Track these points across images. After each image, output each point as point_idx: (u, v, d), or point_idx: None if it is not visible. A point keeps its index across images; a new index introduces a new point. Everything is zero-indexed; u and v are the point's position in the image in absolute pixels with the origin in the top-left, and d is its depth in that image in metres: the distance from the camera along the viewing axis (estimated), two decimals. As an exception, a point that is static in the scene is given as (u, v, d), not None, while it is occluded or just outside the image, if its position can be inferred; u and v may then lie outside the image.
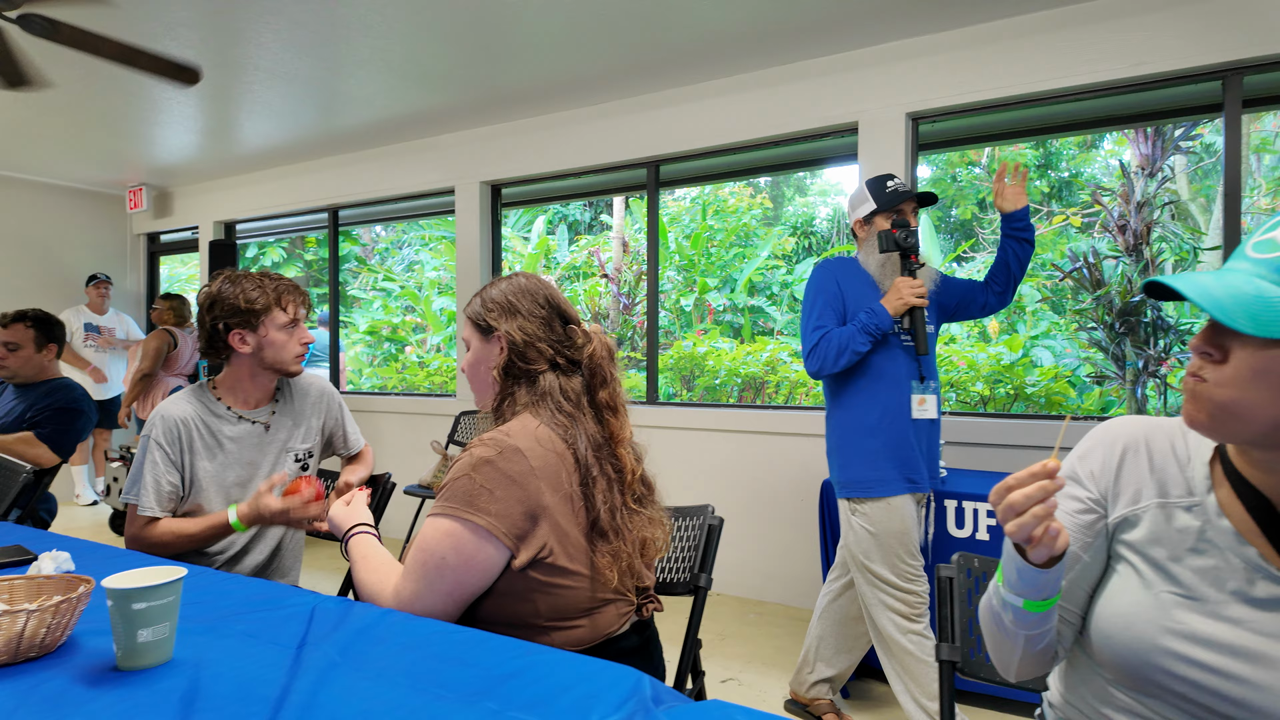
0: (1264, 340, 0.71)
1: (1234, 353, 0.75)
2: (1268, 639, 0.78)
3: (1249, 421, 0.74)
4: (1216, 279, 0.76)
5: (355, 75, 3.71)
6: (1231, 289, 0.74)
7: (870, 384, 2.20)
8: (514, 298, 1.32)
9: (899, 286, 2.14)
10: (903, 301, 2.13)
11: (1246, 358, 0.73)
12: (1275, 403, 0.72)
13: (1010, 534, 0.78)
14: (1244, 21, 2.68)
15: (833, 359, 2.15)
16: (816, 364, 2.20)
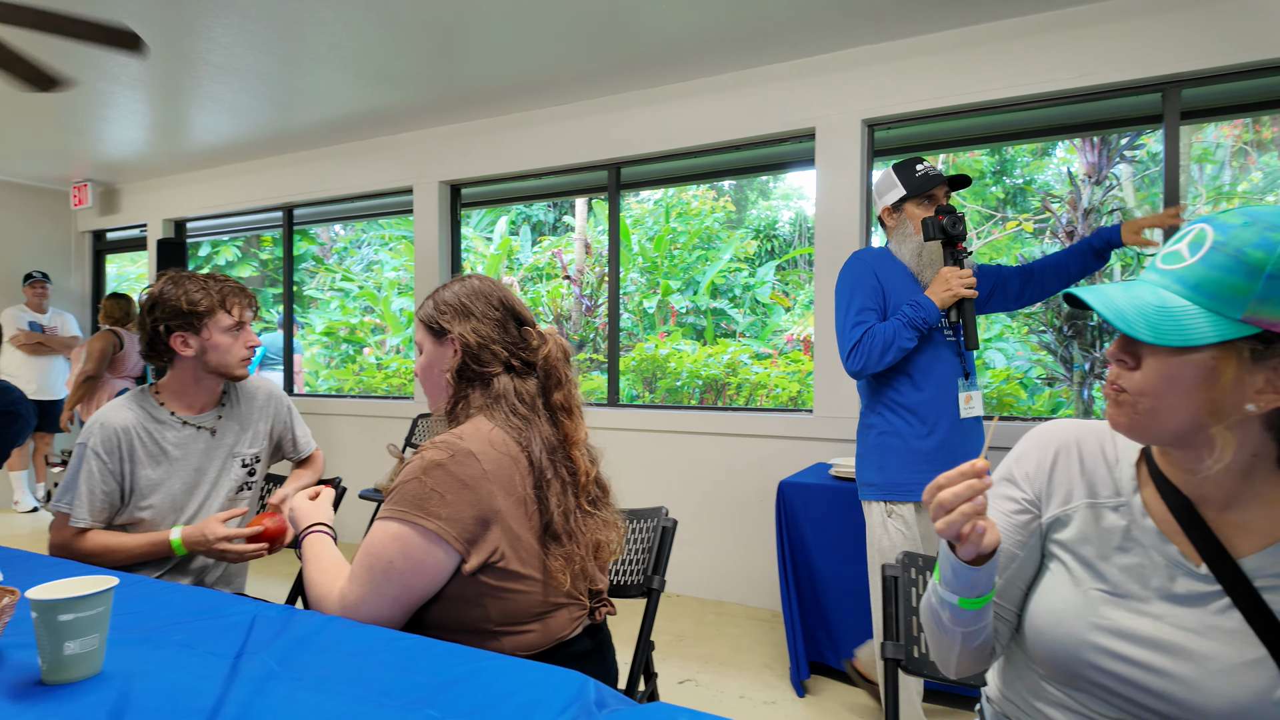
0: (1171, 348, 0.74)
1: (1145, 360, 0.78)
2: (1187, 633, 0.81)
3: (1163, 424, 0.78)
4: (1124, 290, 0.78)
5: (311, 71, 3.64)
6: (1136, 300, 0.76)
7: (916, 383, 2.05)
8: (467, 299, 1.31)
9: (946, 277, 2.00)
10: (952, 293, 1.98)
11: (1156, 365, 0.76)
12: (1186, 406, 0.75)
13: (940, 531, 0.80)
14: (1182, 37, 2.78)
15: (877, 356, 1.99)
16: (859, 362, 2.02)
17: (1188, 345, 0.73)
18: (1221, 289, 0.73)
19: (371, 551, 1.13)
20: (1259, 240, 0.72)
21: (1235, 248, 0.73)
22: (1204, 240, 0.76)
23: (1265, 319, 0.71)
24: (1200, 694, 0.79)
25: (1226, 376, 0.73)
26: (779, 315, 8.31)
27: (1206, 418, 0.75)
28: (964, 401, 2.04)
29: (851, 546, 2.58)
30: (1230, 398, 0.74)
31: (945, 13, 3.00)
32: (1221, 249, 0.74)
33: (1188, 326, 0.73)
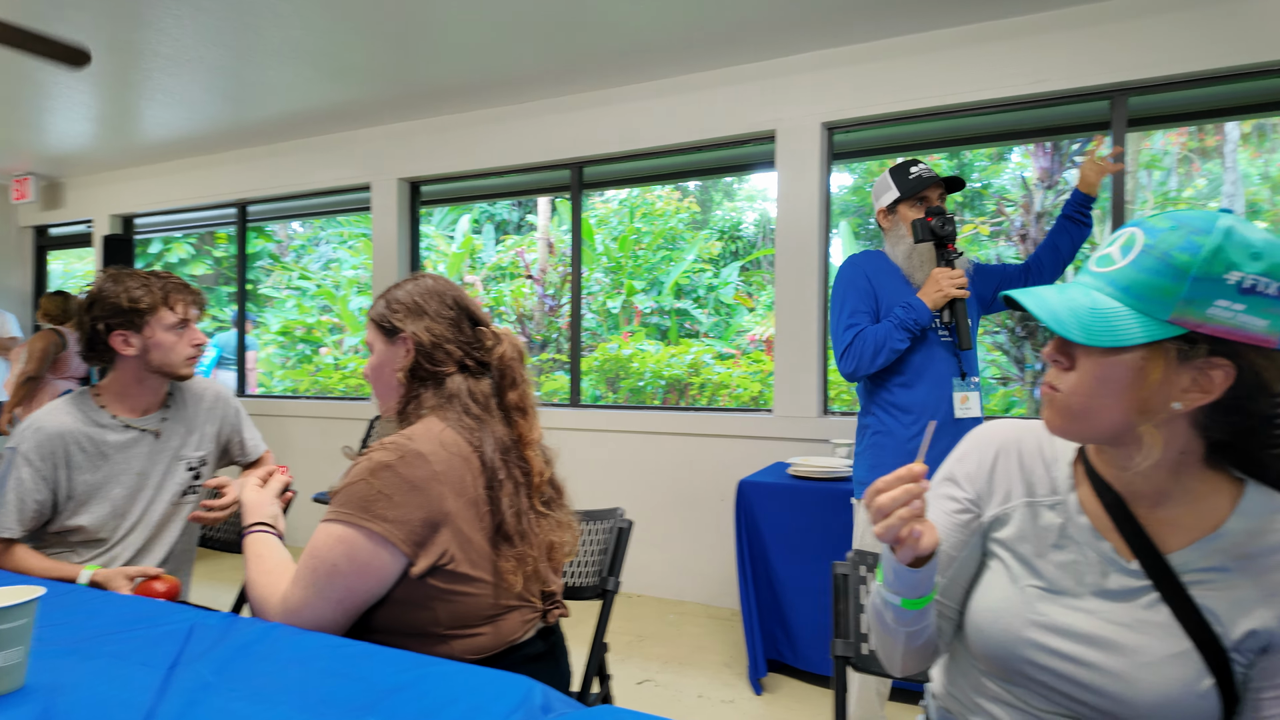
0: (1104, 349, 0.76)
1: (1079, 361, 0.79)
2: (1119, 627, 0.83)
3: (1095, 423, 0.79)
4: (1059, 293, 0.80)
5: (265, 65, 3.56)
6: (1069, 302, 0.78)
7: (910, 383, 2.06)
8: (421, 299, 1.29)
9: (937, 278, 2.01)
10: (942, 294, 1.99)
11: (1090, 365, 0.78)
12: (1118, 406, 0.77)
13: (878, 535, 0.81)
14: (1129, 46, 2.87)
15: (869, 358, 2.00)
16: (851, 364, 2.04)
17: (1118, 346, 0.75)
18: (1150, 291, 0.75)
19: (316, 554, 1.11)
20: (1185, 244, 0.74)
21: (1163, 251, 0.75)
22: (1134, 244, 0.78)
23: (1190, 320, 0.73)
24: (1130, 686, 0.81)
25: (1154, 376, 0.75)
26: (742, 316, 8.37)
27: (1136, 416, 0.77)
28: (959, 401, 2.05)
29: (809, 545, 2.61)
30: (1158, 397, 0.76)
31: (902, 18, 3.05)
32: (1150, 252, 0.76)
33: (1118, 327, 0.75)
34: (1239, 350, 0.74)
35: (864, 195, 9.49)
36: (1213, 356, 0.74)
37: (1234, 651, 0.79)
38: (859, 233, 9.48)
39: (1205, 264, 0.73)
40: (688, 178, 4.09)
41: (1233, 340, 0.73)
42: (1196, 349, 0.74)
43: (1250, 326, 0.73)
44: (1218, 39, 2.74)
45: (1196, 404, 0.76)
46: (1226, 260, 0.72)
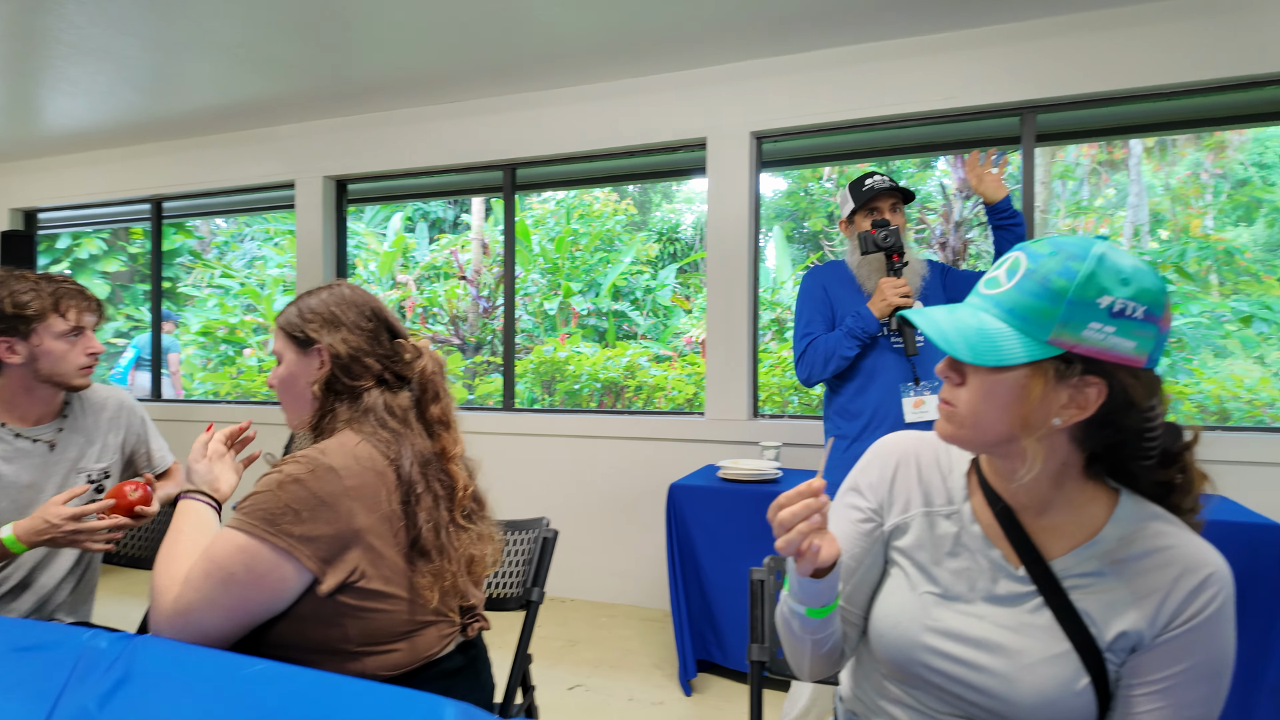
0: (990, 367, 0.80)
1: (969, 377, 0.84)
2: (1005, 630, 0.88)
3: (983, 436, 0.84)
4: (949, 313, 0.84)
5: (180, 57, 3.41)
6: (958, 322, 0.82)
7: (860, 388, 2.15)
8: (337, 309, 1.25)
9: (882, 287, 2.09)
10: (887, 303, 2.07)
11: (977, 382, 0.83)
12: (1003, 420, 0.82)
13: (779, 549, 0.83)
14: (1037, 66, 3.02)
15: (820, 365, 2.12)
16: (805, 371, 2.17)
17: (1002, 365, 0.79)
18: (1031, 313, 0.79)
19: (214, 559, 1.07)
20: (1062, 269, 0.79)
21: (1043, 275, 0.80)
22: (1018, 268, 0.82)
23: (1067, 341, 0.78)
24: (1014, 687, 0.85)
25: (1035, 393, 0.80)
26: (679, 318, 8.45)
27: (1019, 430, 0.81)
28: (912, 406, 2.13)
29: (738, 547, 2.66)
30: (1039, 412, 0.80)
31: (827, 33, 3.13)
32: (1032, 276, 0.80)
33: (1002, 347, 0.79)
34: (1110, 370, 0.79)
35: (797, 199, 9.70)
36: (1087, 375, 0.79)
37: (1108, 652, 0.84)
38: (792, 236, 9.68)
39: (1080, 289, 0.77)
40: (622, 182, 4.11)
41: (1105, 360, 0.78)
42: (1072, 368, 0.79)
43: (1120, 348, 0.78)
44: (1119, 63, 2.91)
45: (1074, 419, 0.81)
46: (1099, 285, 0.77)
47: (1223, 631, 0.82)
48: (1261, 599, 2.10)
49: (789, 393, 5.71)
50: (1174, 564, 0.83)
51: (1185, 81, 2.85)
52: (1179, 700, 0.81)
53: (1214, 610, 0.81)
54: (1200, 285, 7.51)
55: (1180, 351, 6.68)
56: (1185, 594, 0.81)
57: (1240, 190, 8.94)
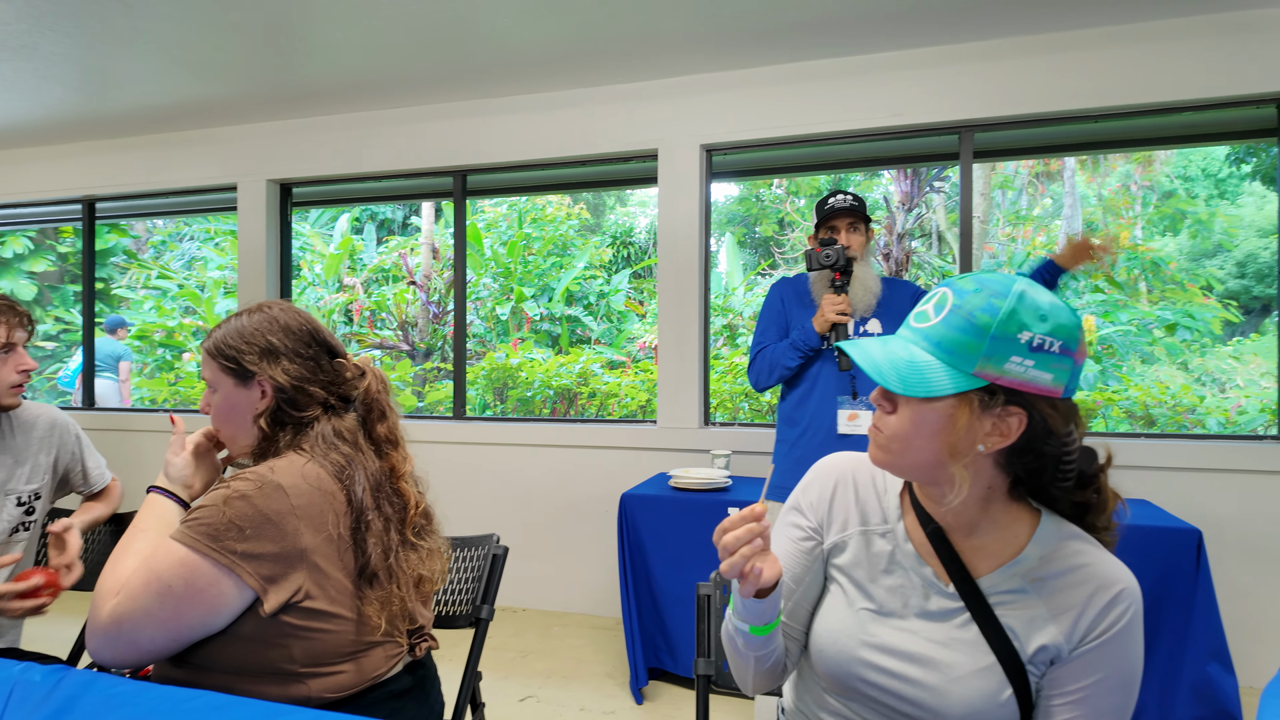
0: (919, 398, 0.85)
1: (900, 406, 0.88)
2: (935, 645, 0.92)
3: (912, 462, 0.88)
4: (883, 345, 0.88)
5: (115, 56, 3.29)
6: (890, 354, 0.87)
7: (800, 398, 2.28)
8: (273, 336, 1.22)
9: (822, 305, 2.21)
10: (824, 319, 2.18)
11: (908, 411, 0.87)
12: (930, 447, 0.86)
13: (723, 573, 0.86)
14: (975, 88, 3.13)
15: (765, 373, 2.28)
16: (754, 377, 2.33)
17: (930, 396, 0.83)
18: (957, 346, 0.84)
19: (153, 569, 1.05)
20: (985, 305, 0.83)
21: (968, 311, 0.84)
22: (945, 304, 0.87)
23: (990, 373, 0.83)
24: (943, 699, 0.90)
25: (961, 422, 0.84)
26: (633, 323, 8.47)
27: (947, 457, 0.86)
28: (846, 419, 2.22)
29: (689, 555, 2.69)
30: (965, 440, 0.85)
31: (775, 48, 3.19)
32: (958, 312, 0.85)
33: (930, 379, 0.84)
34: (1030, 400, 0.84)
35: (749, 205, 9.83)
36: (1009, 405, 0.84)
37: (1030, 664, 0.89)
38: (744, 242, 9.82)
39: (1002, 324, 0.82)
40: (574, 189, 4.12)
41: (1025, 391, 0.83)
42: (996, 399, 0.84)
43: (1039, 380, 0.83)
44: (1053, 86, 3.04)
45: (997, 446, 0.85)
46: (1019, 321, 0.82)
47: (1133, 644, 0.87)
48: (1180, 600, 2.22)
49: (740, 399, 5.79)
50: (1089, 581, 0.88)
51: (1112, 105, 2.99)
52: (1092, 710, 0.87)
53: (1125, 624, 0.86)
54: (1129, 294, 7.87)
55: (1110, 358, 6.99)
56: (1099, 609, 0.86)
57: (1166, 202, 9.40)
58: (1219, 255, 9.70)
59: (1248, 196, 9.96)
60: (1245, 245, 9.81)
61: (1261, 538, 2.80)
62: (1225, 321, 7.57)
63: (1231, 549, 2.81)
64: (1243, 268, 9.82)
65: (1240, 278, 9.78)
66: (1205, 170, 9.94)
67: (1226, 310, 7.47)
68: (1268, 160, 8.66)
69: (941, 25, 2.98)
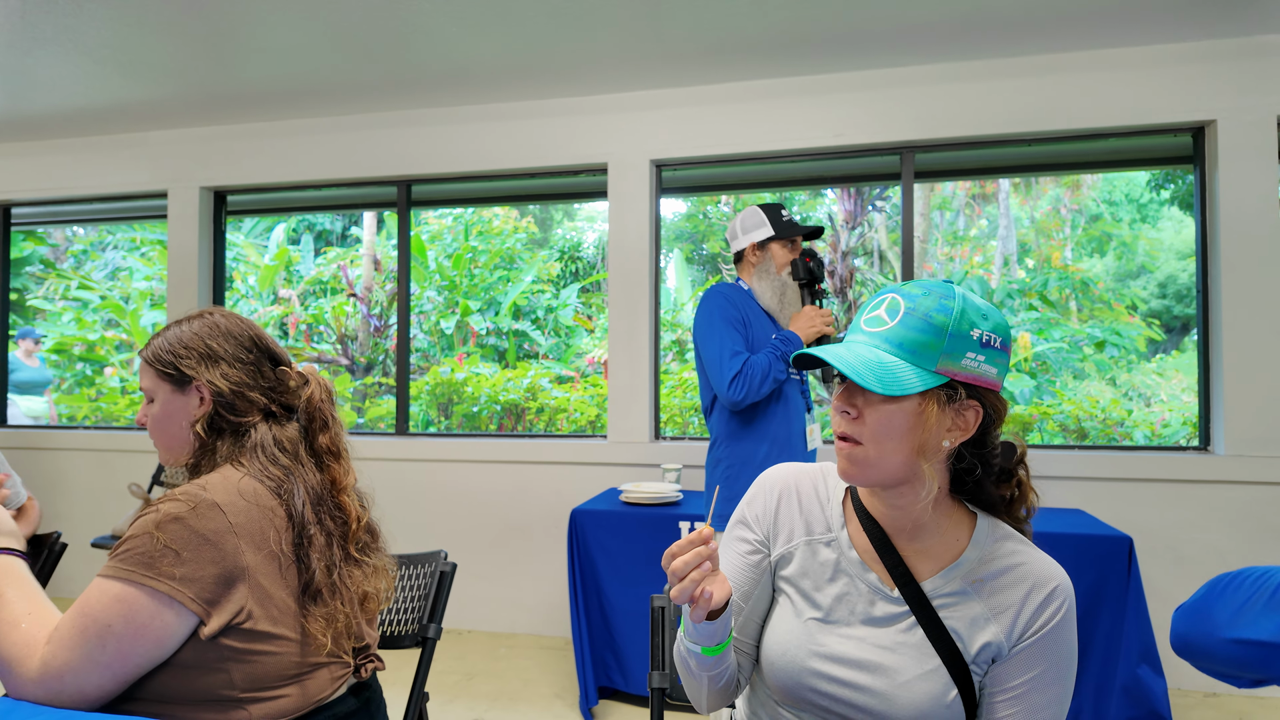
0: (885, 398, 0.86)
1: (865, 411, 0.88)
2: (882, 650, 0.92)
3: (886, 467, 0.89)
4: (848, 349, 0.89)
5: (35, 54, 3.13)
6: (860, 357, 0.87)
7: (767, 415, 2.13)
8: (213, 342, 1.18)
9: (810, 316, 2.14)
10: (814, 329, 2.12)
11: (875, 414, 0.88)
12: (902, 447, 0.87)
13: (673, 598, 0.85)
14: (914, 110, 3.24)
15: (757, 385, 2.06)
16: (741, 391, 2.07)
17: (903, 394, 0.85)
18: (919, 346, 0.86)
19: (87, 613, 0.98)
20: (938, 306, 0.87)
21: (924, 312, 0.87)
22: (898, 307, 0.89)
23: (950, 369, 0.86)
24: (890, 704, 0.90)
25: (930, 419, 0.86)
26: (581, 337, 8.44)
27: (917, 456, 0.88)
28: (810, 434, 2.18)
29: (640, 571, 2.67)
30: (933, 437, 0.87)
31: (722, 67, 3.24)
32: (914, 314, 0.87)
33: (901, 378, 0.85)
34: (982, 393, 0.88)
35: (696, 222, 9.94)
36: (968, 399, 0.88)
37: (973, 664, 0.90)
38: (691, 258, 9.91)
39: (957, 322, 0.86)
40: (522, 202, 4.08)
41: (978, 385, 0.87)
42: (956, 393, 0.87)
43: (988, 373, 0.88)
44: (989, 110, 3.16)
45: (958, 441, 0.89)
46: (969, 319, 0.87)
47: (1068, 637, 0.91)
48: (1112, 604, 2.30)
49: (690, 414, 5.80)
50: (1025, 580, 0.91)
51: (1044, 130, 3.13)
52: (1032, 704, 0.89)
53: (1060, 619, 0.90)
54: (1061, 312, 8.23)
55: (1045, 374, 7.27)
56: (1036, 606, 0.90)
57: (1094, 225, 9.89)
58: (1142, 276, 10.24)
59: (1166, 221, 10.56)
60: (1165, 267, 10.38)
61: (1186, 544, 2.93)
62: (1149, 339, 7.98)
63: (1158, 556, 2.93)
64: (1164, 288, 10.38)
65: (1162, 298, 10.34)
66: (1128, 195, 10.51)
67: (1150, 328, 7.88)
68: (1183, 187, 9.21)
69: (882, 49, 3.07)
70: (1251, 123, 2.92)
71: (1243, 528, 2.88)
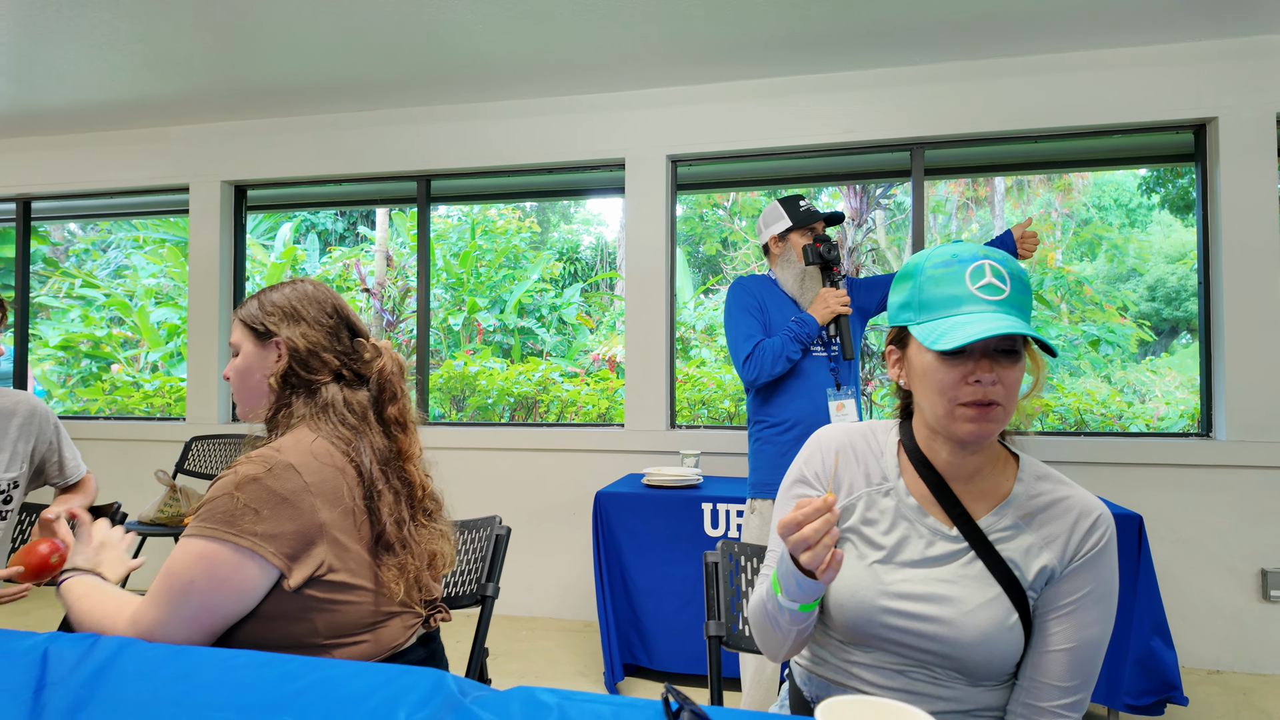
0: (1015, 360, 0.95)
1: (1003, 375, 0.95)
2: (945, 584, 1.01)
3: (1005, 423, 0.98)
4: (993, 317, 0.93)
5: (65, 48, 3.19)
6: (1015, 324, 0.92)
7: (790, 392, 2.29)
8: (298, 303, 1.26)
9: (825, 297, 2.26)
10: (830, 310, 2.25)
11: (1010, 376, 0.95)
12: (1012, 406, 0.96)
13: (806, 563, 0.90)
14: (925, 107, 3.33)
15: (769, 365, 2.23)
16: (754, 371, 2.26)
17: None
18: (1027, 305, 0.97)
19: (172, 571, 1.06)
20: (1017, 267, 0.97)
21: (1016, 272, 0.96)
22: (1001, 271, 0.96)
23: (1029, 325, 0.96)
24: (958, 630, 0.98)
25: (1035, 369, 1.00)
26: (585, 336, 8.52)
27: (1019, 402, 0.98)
28: (835, 409, 2.29)
29: (662, 550, 2.75)
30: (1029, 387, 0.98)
31: (738, 65, 3.33)
32: (1016, 277, 0.96)
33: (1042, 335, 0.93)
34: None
35: (693, 224, 10.03)
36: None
37: (1030, 590, 1.00)
38: (690, 259, 10.00)
39: (1028, 278, 0.97)
40: (537, 198, 4.16)
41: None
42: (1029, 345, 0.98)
43: None
44: (999, 105, 3.26)
45: (1031, 388, 1.00)
46: None
47: (1111, 561, 1.01)
48: (1125, 579, 2.39)
49: (697, 407, 5.90)
50: (1071, 510, 1.01)
51: (1053, 126, 3.23)
52: (1080, 621, 0.99)
53: (1104, 544, 1.00)
54: (1055, 312, 8.36)
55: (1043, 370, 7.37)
56: (1083, 533, 0.99)
57: (1084, 229, 10.04)
58: (1132, 279, 10.40)
59: (1156, 225, 10.73)
60: (1155, 270, 10.54)
61: (1188, 526, 3.03)
62: (1140, 340, 8.12)
63: (1162, 537, 3.03)
64: (1153, 291, 10.54)
65: (1151, 300, 10.50)
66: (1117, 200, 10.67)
67: (1141, 330, 8.01)
68: (1174, 190, 9.36)
69: (894, 48, 3.17)
70: (1252, 120, 3.03)
71: (1243, 510, 2.98)
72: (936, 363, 0.97)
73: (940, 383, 0.97)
